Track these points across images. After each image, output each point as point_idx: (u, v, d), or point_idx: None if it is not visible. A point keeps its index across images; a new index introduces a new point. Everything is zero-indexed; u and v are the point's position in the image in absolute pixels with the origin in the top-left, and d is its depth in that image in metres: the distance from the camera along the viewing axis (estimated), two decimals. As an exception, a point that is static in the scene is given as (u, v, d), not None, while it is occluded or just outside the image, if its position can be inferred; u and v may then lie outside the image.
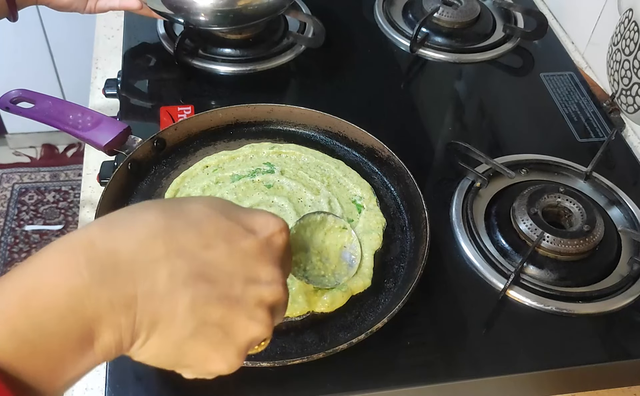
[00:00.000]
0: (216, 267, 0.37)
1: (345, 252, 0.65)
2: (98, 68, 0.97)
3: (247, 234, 0.39)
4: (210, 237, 0.37)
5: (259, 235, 0.39)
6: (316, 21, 0.94)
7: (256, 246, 0.39)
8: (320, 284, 0.61)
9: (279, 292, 0.39)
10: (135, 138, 0.73)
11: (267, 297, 0.38)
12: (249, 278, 0.38)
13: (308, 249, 0.63)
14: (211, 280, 0.36)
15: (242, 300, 0.37)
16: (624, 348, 0.64)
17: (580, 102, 0.92)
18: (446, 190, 0.76)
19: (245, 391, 0.57)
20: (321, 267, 0.63)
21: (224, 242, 0.38)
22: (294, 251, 0.61)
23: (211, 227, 0.38)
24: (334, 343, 0.58)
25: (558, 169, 0.80)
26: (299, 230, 0.62)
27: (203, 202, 0.40)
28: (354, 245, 0.65)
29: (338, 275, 0.63)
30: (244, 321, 0.38)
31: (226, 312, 0.37)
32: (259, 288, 0.38)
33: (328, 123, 0.80)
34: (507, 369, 0.61)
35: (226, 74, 0.92)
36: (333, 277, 0.62)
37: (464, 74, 0.99)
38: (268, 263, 0.39)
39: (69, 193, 2.06)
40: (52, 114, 0.73)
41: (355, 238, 0.65)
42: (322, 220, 0.64)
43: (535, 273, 0.68)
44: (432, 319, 0.65)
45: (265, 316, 0.38)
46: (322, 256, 0.63)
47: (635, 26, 0.81)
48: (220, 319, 0.37)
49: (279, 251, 0.40)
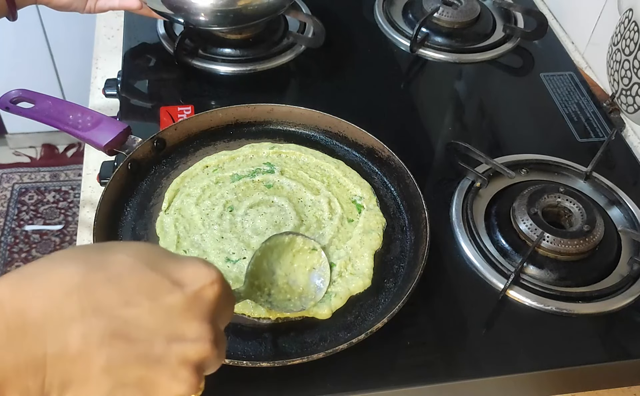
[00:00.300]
0: (136, 325, 0.35)
1: (314, 274, 0.63)
2: (98, 68, 0.97)
3: (173, 288, 0.37)
4: (131, 292, 0.36)
5: (186, 288, 0.37)
6: (316, 21, 0.94)
7: (182, 301, 0.37)
8: (284, 309, 0.60)
9: (205, 349, 0.37)
10: (135, 138, 0.73)
11: (192, 356, 0.36)
12: (172, 336, 0.36)
13: (274, 272, 0.62)
14: (130, 338, 0.35)
15: (163, 359, 0.36)
16: (624, 348, 0.64)
17: (580, 102, 0.92)
18: (446, 190, 0.76)
19: (245, 391, 0.57)
20: (287, 290, 0.61)
21: (146, 297, 0.36)
22: (257, 275, 0.60)
23: (133, 281, 0.36)
24: (334, 343, 0.58)
25: (558, 169, 0.80)
26: (264, 253, 0.61)
27: (129, 252, 0.38)
28: (323, 266, 0.63)
29: (305, 299, 0.61)
30: (166, 381, 0.36)
31: (146, 372, 0.35)
32: (183, 346, 0.36)
33: (328, 123, 0.80)
34: (507, 369, 0.61)
35: (226, 74, 0.92)
36: (299, 301, 0.61)
37: (464, 74, 0.99)
38: (194, 319, 0.37)
39: (69, 193, 2.06)
40: (52, 114, 0.73)
41: (325, 260, 0.63)
42: (290, 242, 0.63)
43: (535, 273, 0.68)
44: (432, 319, 0.65)
45: (189, 375, 0.36)
46: (289, 279, 0.62)
47: (635, 26, 0.81)
48: (139, 380, 0.35)
49: (209, 305, 0.38)
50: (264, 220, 0.68)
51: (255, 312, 0.60)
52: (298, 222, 0.68)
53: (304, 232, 0.67)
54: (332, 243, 0.67)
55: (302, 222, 0.68)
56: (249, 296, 0.58)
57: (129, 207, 0.70)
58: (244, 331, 0.60)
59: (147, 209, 0.70)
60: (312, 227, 0.68)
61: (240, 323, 0.60)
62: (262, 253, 0.61)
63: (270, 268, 0.61)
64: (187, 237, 0.66)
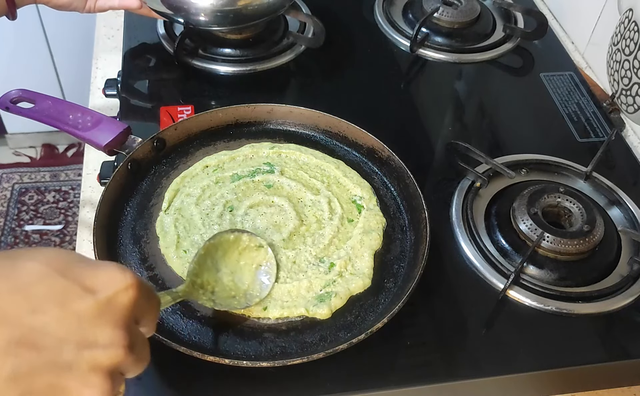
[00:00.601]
0: (44, 332, 0.35)
1: (260, 271, 0.63)
2: (98, 68, 0.97)
3: (84, 295, 0.36)
4: (39, 300, 0.35)
5: (98, 295, 0.37)
6: (316, 21, 0.94)
7: (93, 307, 0.36)
8: (229, 307, 0.60)
9: (117, 355, 0.37)
10: (135, 138, 0.73)
11: (104, 361, 0.36)
12: (83, 343, 0.36)
13: (219, 270, 0.61)
14: (37, 346, 0.35)
15: (73, 365, 0.35)
16: (624, 348, 0.64)
17: (580, 102, 0.92)
18: (446, 190, 0.76)
19: (245, 391, 0.57)
20: (232, 288, 0.61)
21: (55, 304, 0.36)
22: (200, 273, 0.60)
23: (42, 289, 0.36)
24: (334, 343, 0.58)
25: (558, 169, 0.80)
26: (209, 251, 0.61)
27: (39, 258, 0.37)
28: (269, 263, 0.63)
29: (250, 296, 0.61)
30: (77, 387, 0.36)
31: (55, 379, 0.35)
32: (94, 352, 0.36)
33: (328, 123, 0.80)
34: (507, 369, 0.61)
35: (226, 74, 0.92)
36: (244, 298, 0.61)
37: (464, 74, 0.99)
38: (107, 325, 0.37)
39: (69, 193, 2.06)
40: (52, 114, 0.73)
41: (271, 257, 0.63)
42: (235, 239, 0.63)
43: (535, 273, 0.68)
44: (432, 319, 0.65)
45: (100, 381, 0.36)
46: (235, 276, 0.62)
47: (635, 26, 0.81)
48: (48, 388, 0.35)
49: (123, 310, 0.38)
50: (264, 220, 0.68)
51: (255, 312, 0.61)
52: (298, 222, 0.68)
53: (303, 233, 0.67)
54: (332, 243, 0.67)
55: (302, 222, 0.69)
56: (190, 295, 0.58)
57: (129, 207, 0.70)
58: (244, 331, 0.60)
59: (147, 209, 0.70)
60: (312, 227, 0.68)
61: (240, 323, 0.60)
62: (206, 252, 0.61)
63: (215, 266, 0.61)
64: (187, 237, 0.66)
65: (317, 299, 0.62)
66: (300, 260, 0.65)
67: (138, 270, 0.64)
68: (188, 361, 0.55)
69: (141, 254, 0.66)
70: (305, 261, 0.65)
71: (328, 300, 0.61)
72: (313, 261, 0.65)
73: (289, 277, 0.63)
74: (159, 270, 0.64)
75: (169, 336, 0.56)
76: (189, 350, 0.54)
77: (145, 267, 0.64)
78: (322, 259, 0.65)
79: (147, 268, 0.64)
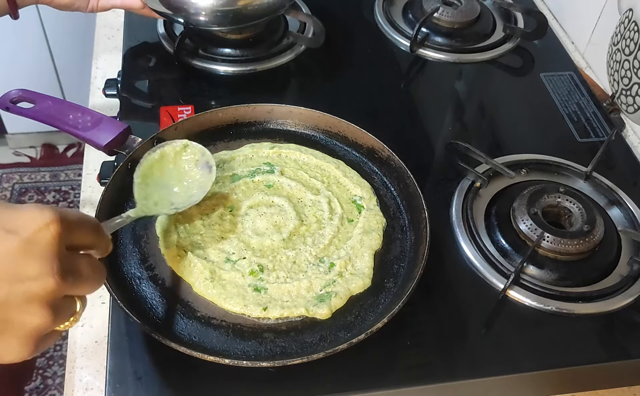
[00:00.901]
0: None
1: (201, 164, 0.68)
2: (98, 68, 0.97)
3: (7, 236, 0.39)
4: None
5: (21, 234, 0.40)
6: (316, 21, 0.94)
7: (18, 246, 0.39)
8: (190, 203, 0.65)
9: (49, 283, 0.40)
10: (135, 138, 0.73)
11: (37, 291, 0.40)
12: (13, 278, 0.39)
13: (166, 185, 0.66)
14: None
15: (10, 300, 0.39)
16: (624, 348, 0.64)
17: (580, 102, 0.92)
18: (446, 190, 0.76)
19: (245, 391, 0.57)
20: (186, 189, 0.66)
21: None
22: (150, 195, 0.64)
23: None
24: (334, 343, 0.58)
25: (558, 169, 0.80)
26: (144, 175, 0.65)
27: None
28: (202, 153, 0.68)
29: (203, 184, 0.66)
30: (18, 317, 0.40)
31: None
32: (25, 285, 0.39)
33: (328, 123, 0.80)
34: (507, 369, 0.61)
35: (226, 74, 0.92)
36: (200, 189, 0.66)
37: (464, 74, 0.99)
38: (33, 260, 0.40)
39: (69, 193, 2.06)
40: (52, 114, 0.73)
41: (197, 146, 0.68)
42: (162, 155, 0.67)
43: (535, 273, 0.68)
44: (432, 319, 0.65)
45: (39, 308, 0.40)
46: (183, 181, 0.67)
47: (635, 26, 0.81)
48: None
49: (47, 244, 0.40)
50: (264, 220, 0.68)
51: (255, 312, 0.61)
52: (298, 222, 0.68)
53: (303, 233, 0.67)
54: (332, 243, 0.67)
55: (302, 222, 0.69)
56: (147, 213, 0.62)
57: (129, 207, 0.70)
58: (244, 331, 0.60)
59: (147, 209, 0.70)
60: (312, 227, 0.68)
61: (240, 324, 0.60)
62: (143, 179, 0.65)
63: (160, 184, 0.66)
64: (187, 237, 0.66)
65: (317, 299, 0.62)
66: (300, 260, 0.65)
67: (138, 270, 0.64)
68: (188, 361, 0.55)
69: (141, 254, 0.66)
70: (305, 261, 0.65)
71: (328, 300, 0.61)
72: (313, 261, 0.65)
73: (289, 276, 0.64)
74: (159, 270, 0.64)
75: (169, 336, 0.56)
76: (189, 350, 0.54)
77: (145, 267, 0.64)
78: (322, 259, 0.65)
79: (147, 268, 0.64)
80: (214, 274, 0.63)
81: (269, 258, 0.65)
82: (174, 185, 0.67)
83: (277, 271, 0.64)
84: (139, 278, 0.63)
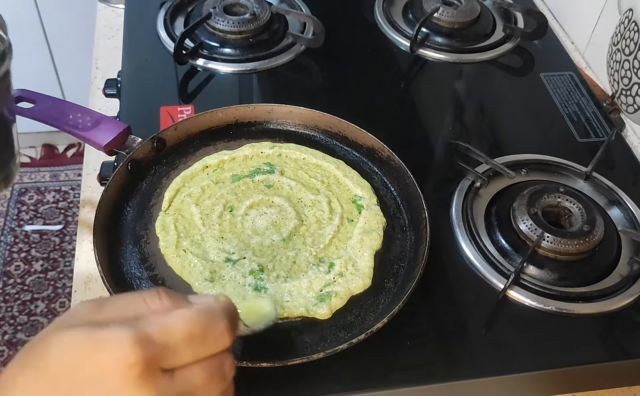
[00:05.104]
0: None
1: None
2: (98, 68, 0.97)
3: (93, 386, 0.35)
4: None
5: (106, 382, 0.35)
6: (316, 21, 0.94)
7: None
8: None
9: None
10: (135, 138, 0.73)
11: None
12: None
13: None
14: None
15: None
16: (624, 348, 0.64)
17: (580, 102, 0.92)
18: (446, 190, 0.76)
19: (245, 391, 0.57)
20: None
21: None
22: None
23: None
24: (334, 343, 0.58)
25: (558, 169, 0.80)
26: None
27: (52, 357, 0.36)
28: None
29: None
30: None
31: None
32: None
33: (328, 123, 0.80)
34: (507, 369, 0.61)
35: (226, 74, 0.92)
36: None
37: (464, 74, 0.99)
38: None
39: (69, 193, 2.06)
40: (52, 114, 0.73)
41: None
42: None
43: (535, 273, 0.68)
44: (432, 319, 0.65)
45: None
46: None
47: (635, 26, 0.81)
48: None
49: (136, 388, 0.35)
50: (264, 220, 0.68)
51: (255, 312, 0.61)
52: (298, 222, 0.68)
53: (303, 233, 0.67)
54: (332, 243, 0.67)
55: (302, 222, 0.69)
56: None
57: (129, 207, 0.70)
58: (244, 331, 0.60)
59: (147, 209, 0.70)
60: (312, 226, 0.68)
61: (240, 323, 0.60)
62: None
63: None
64: (187, 236, 0.66)
65: (317, 299, 0.62)
66: (300, 260, 0.65)
67: (138, 270, 0.64)
68: (188, 361, 0.54)
69: (141, 254, 0.66)
70: (305, 261, 0.65)
71: (328, 300, 0.61)
72: (313, 261, 0.65)
73: (288, 276, 0.64)
74: (159, 270, 0.64)
75: (169, 336, 0.56)
76: (189, 350, 0.54)
77: (145, 267, 0.64)
78: (322, 259, 0.65)
79: (147, 268, 0.64)
80: (214, 274, 0.63)
81: (269, 258, 0.65)
82: None
83: (277, 271, 0.64)
84: (139, 278, 0.63)
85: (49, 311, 1.77)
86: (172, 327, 0.36)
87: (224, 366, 0.39)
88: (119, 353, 0.35)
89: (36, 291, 1.81)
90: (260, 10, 0.96)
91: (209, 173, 0.74)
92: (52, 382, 0.35)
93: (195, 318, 0.37)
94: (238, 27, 0.94)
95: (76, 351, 0.35)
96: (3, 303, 1.77)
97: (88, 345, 0.35)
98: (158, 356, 0.35)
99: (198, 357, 0.37)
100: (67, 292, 1.81)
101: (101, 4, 1.08)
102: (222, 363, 0.39)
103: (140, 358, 0.35)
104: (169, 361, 0.36)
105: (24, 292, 1.80)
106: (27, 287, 1.81)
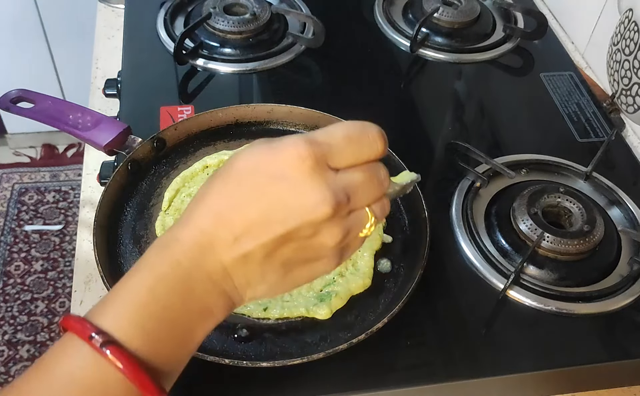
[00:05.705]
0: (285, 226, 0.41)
1: None
2: (98, 68, 0.97)
3: (275, 182, 0.41)
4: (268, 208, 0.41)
5: (286, 177, 0.41)
6: (316, 21, 0.94)
7: (287, 190, 0.41)
8: None
9: (325, 210, 0.41)
10: (135, 138, 0.73)
11: (321, 218, 0.42)
12: (296, 216, 0.41)
13: None
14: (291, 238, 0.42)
15: (300, 233, 0.42)
16: (624, 348, 0.64)
17: (580, 102, 0.92)
18: (446, 190, 0.76)
19: (245, 391, 0.57)
20: None
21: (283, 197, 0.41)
22: None
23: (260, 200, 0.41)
24: (334, 343, 0.58)
25: (558, 169, 0.80)
26: None
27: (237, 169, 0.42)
28: None
29: None
30: (316, 242, 0.42)
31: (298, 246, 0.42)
32: (309, 217, 0.41)
33: (328, 123, 0.79)
34: (507, 369, 0.61)
35: (226, 74, 0.92)
36: None
37: (464, 74, 0.99)
38: (303, 195, 0.41)
39: (69, 193, 2.06)
40: (52, 114, 0.73)
41: None
42: None
43: (535, 273, 0.68)
44: (432, 319, 0.65)
45: (328, 230, 0.42)
46: None
47: (635, 26, 0.81)
48: (303, 260, 0.43)
49: (309, 179, 0.42)
50: (264, 220, 0.68)
51: (255, 312, 0.61)
52: (298, 222, 0.68)
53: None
54: (332, 243, 0.67)
55: (302, 222, 0.68)
56: None
57: (129, 207, 0.70)
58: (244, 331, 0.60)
59: (147, 209, 0.70)
60: (312, 227, 0.68)
61: (240, 324, 0.60)
62: None
63: None
64: (187, 237, 0.66)
65: (317, 299, 0.62)
66: (300, 260, 0.65)
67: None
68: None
69: (141, 254, 0.65)
70: (305, 261, 0.65)
71: (328, 300, 0.61)
72: (313, 261, 0.65)
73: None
74: (159, 270, 0.64)
75: (169, 336, 0.56)
76: (189, 350, 0.54)
77: (145, 267, 0.64)
78: (322, 259, 0.65)
79: (147, 268, 0.64)
80: (214, 274, 0.63)
81: (269, 258, 0.65)
82: None
83: None
84: (139, 278, 0.63)
85: (49, 311, 1.77)
86: (334, 131, 0.44)
87: (380, 173, 0.46)
88: (294, 150, 0.41)
89: (36, 291, 1.81)
90: (260, 10, 0.96)
91: (209, 173, 0.74)
92: (238, 183, 0.41)
93: (352, 124, 0.46)
94: (238, 27, 0.94)
95: (258, 156, 0.42)
96: (3, 303, 1.77)
97: (268, 152, 0.42)
98: (325, 153, 0.42)
99: (357, 160, 0.44)
100: (67, 292, 1.81)
101: (101, 4, 1.09)
102: (378, 170, 0.46)
103: (310, 153, 0.41)
104: (335, 159, 0.43)
105: (24, 292, 1.80)
106: (27, 287, 1.81)
